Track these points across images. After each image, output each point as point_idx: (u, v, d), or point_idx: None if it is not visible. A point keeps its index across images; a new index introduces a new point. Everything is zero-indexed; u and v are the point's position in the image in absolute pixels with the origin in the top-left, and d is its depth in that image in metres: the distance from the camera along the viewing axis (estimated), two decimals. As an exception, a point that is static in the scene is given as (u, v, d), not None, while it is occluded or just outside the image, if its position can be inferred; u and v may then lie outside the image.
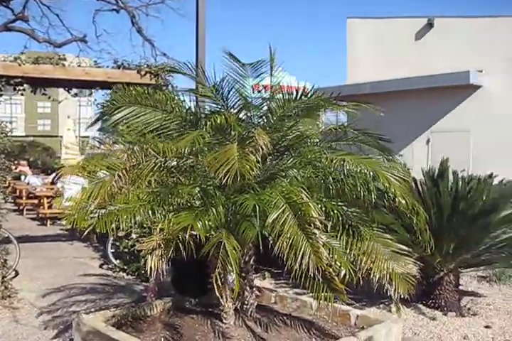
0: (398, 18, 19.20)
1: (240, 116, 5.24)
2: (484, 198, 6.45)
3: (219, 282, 4.16)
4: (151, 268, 3.99)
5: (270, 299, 6.17)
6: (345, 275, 4.02)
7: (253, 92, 5.37)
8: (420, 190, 6.73)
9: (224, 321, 5.15)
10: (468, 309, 7.03)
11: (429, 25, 17.98)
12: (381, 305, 7.04)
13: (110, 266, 9.43)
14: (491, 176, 6.80)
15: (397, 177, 4.10)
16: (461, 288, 7.59)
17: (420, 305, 7.03)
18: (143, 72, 8.57)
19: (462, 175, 6.73)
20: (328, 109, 4.98)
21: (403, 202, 4.06)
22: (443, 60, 16.82)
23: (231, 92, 5.07)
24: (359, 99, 5.49)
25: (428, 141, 17.54)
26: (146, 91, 5.23)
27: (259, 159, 4.10)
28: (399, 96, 17.43)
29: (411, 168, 7.27)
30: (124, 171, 4.14)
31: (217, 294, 4.82)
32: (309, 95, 4.89)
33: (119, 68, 8.63)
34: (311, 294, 4.39)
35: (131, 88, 5.29)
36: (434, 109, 17.08)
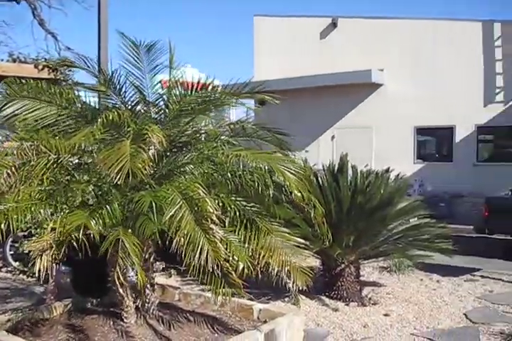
0: (304, 17, 19.58)
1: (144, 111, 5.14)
2: (382, 192, 6.68)
3: (121, 280, 4.08)
4: (39, 270, 3.83)
5: (174, 296, 6.13)
6: (243, 269, 4.04)
7: (162, 89, 5.27)
8: (321, 184, 6.88)
9: (125, 320, 5.06)
10: (370, 298, 7.27)
11: (333, 24, 18.48)
12: (286, 299, 7.12)
13: (10, 269, 9.01)
14: (387, 171, 7.06)
15: (293, 172, 4.16)
16: (362, 278, 7.85)
17: (323, 297, 7.19)
18: (40, 67, 8.24)
19: (361, 170, 6.94)
20: (226, 104, 4.96)
21: (299, 194, 4.13)
22: (347, 59, 17.35)
23: (125, 86, 4.96)
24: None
25: (333, 137, 18.04)
26: (39, 85, 5.01)
27: (155, 156, 4.04)
28: (305, 93, 17.83)
29: (316, 164, 7.45)
30: (13, 169, 3.96)
31: (121, 292, 4.73)
32: (206, 89, 4.85)
33: (14, 62, 8.25)
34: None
35: (24, 81, 5.05)
36: (339, 106, 17.61)
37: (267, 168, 4.20)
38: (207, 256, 3.65)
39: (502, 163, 15.58)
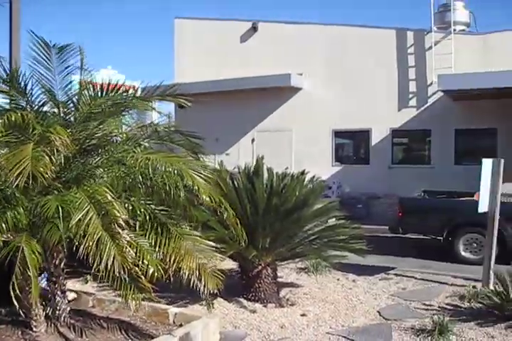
0: (225, 20, 19.65)
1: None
2: (297, 194, 6.78)
3: (30, 287, 3.95)
4: None
5: (88, 303, 5.99)
6: (153, 273, 4.00)
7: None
8: (237, 186, 6.91)
9: (34, 329, 4.90)
10: (287, 299, 7.35)
11: (254, 28, 18.63)
12: (204, 302, 7.08)
13: None
14: (303, 173, 7.17)
15: (203, 176, 4.16)
16: (280, 280, 7.93)
17: (241, 299, 7.19)
18: None
19: (276, 172, 7.02)
20: (137, 107, 4.89)
21: (207, 199, 4.12)
22: (267, 63, 17.54)
23: (31, 86, 4.80)
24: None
25: (253, 140, 18.17)
26: None
27: (62, 159, 3.94)
28: (226, 96, 17.88)
29: (236, 166, 7.46)
30: None
31: (27, 301, 4.57)
32: (117, 92, 4.77)
33: None
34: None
35: None
36: (259, 109, 17.77)
37: (176, 172, 4.17)
38: (113, 260, 3.59)
39: (415, 165, 16.21)
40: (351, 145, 18.04)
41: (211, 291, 4.48)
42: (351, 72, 16.89)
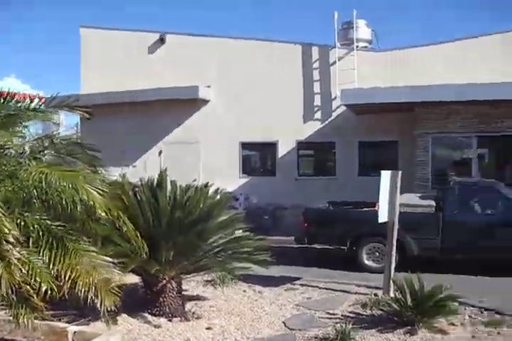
0: (133, 31, 19.32)
1: None
2: (201, 206, 6.74)
3: None
4: None
5: (-20, 324, 5.65)
6: (46, 291, 3.83)
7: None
8: (140, 199, 6.77)
9: None
10: (193, 313, 7.27)
11: (161, 40, 18.49)
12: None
13: None
14: (206, 185, 7.15)
15: (98, 190, 4.04)
16: (186, 293, 7.86)
17: (146, 314, 7.04)
18: None
19: (180, 184, 6.96)
20: (35, 117, 4.71)
21: (103, 214, 4.02)
22: (174, 74, 17.44)
23: None
24: (91, 109, 5.34)
25: (160, 152, 17.97)
26: None
27: None
28: (133, 108, 17.63)
29: (142, 180, 7.30)
30: None
31: None
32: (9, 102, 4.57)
33: None
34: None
35: None
36: (167, 121, 17.61)
37: (71, 186, 4.03)
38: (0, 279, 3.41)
39: (321, 177, 16.59)
40: (259, 157, 18.22)
41: (110, 308, 4.34)
42: (259, 85, 17.09)
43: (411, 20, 39.19)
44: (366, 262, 10.84)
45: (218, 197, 7.10)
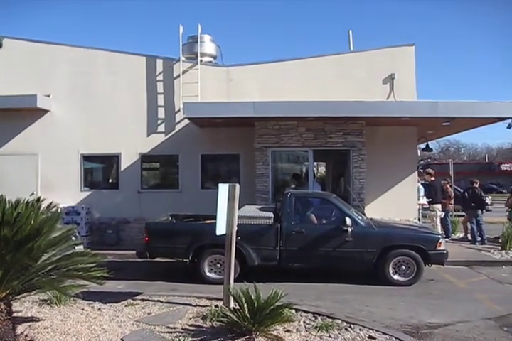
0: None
1: None
2: (32, 223, 6.40)
3: None
4: None
5: None
6: None
7: None
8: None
9: None
10: (26, 336, 6.87)
11: (-1, 45, 17.43)
12: None
13: None
14: (38, 200, 6.81)
15: None
16: (19, 314, 7.46)
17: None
18: None
19: (9, 199, 6.57)
20: None
21: None
22: (13, 82, 16.54)
23: None
24: None
25: (-5, 164, 16.86)
26: None
27: None
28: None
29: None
30: None
31: None
32: None
33: None
34: None
35: None
36: (3, 131, 16.62)
37: None
38: None
39: (164, 190, 16.53)
40: (101, 169, 17.71)
41: None
42: (102, 96, 16.70)
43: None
44: (208, 274, 11.01)
45: (50, 212, 6.79)
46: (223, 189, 8.00)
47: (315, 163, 18.42)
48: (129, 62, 16.85)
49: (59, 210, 7.12)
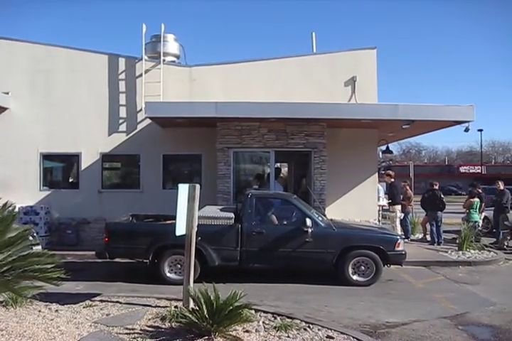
0: None
1: None
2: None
3: None
4: None
5: None
6: None
7: None
8: None
9: None
10: (-24, 341, 6.75)
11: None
12: None
13: None
14: (-7, 201, 6.71)
15: None
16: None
17: None
18: None
19: None
20: None
21: None
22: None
23: None
24: None
25: None
26: None
27: None
28: None
29: None
30: None
31: None
32: None
33: None
34: None
35: None
36: (-43, 130, 16.23)
37: None
38: None
39: (126, 190, 16.37)
40: (61, 169, 17.42)
41: None
42: (63, 94, 16.44)
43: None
44: (169, 275, 10.96)
45: (7, 211, 6.68)
46: (183, 189, 7.98)
47: (279, 164, 18.49)
48: (90, 60, 16.63)
49: (16, 210, 6.99)
